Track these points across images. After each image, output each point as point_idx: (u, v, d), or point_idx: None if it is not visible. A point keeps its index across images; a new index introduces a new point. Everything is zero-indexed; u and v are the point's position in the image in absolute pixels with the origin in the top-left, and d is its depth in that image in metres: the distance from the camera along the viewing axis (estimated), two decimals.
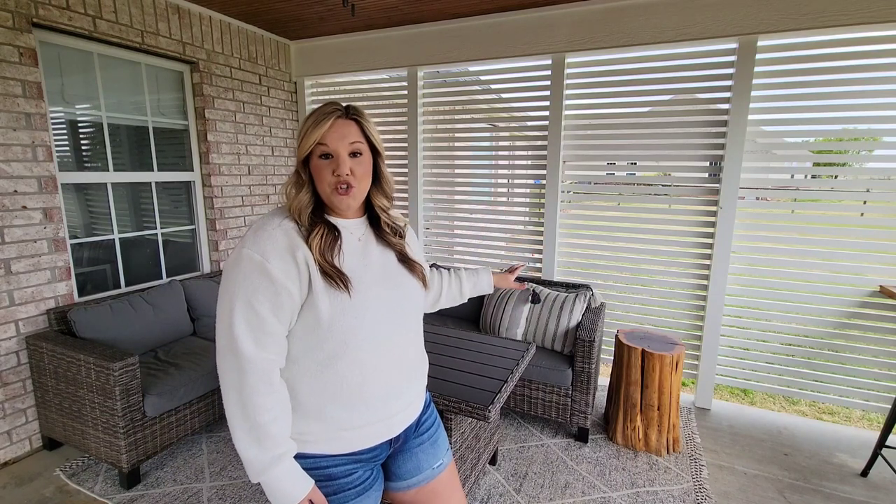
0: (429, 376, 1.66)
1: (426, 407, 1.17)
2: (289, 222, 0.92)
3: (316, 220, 0.94)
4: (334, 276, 0.90)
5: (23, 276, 2.23)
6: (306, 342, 0.92)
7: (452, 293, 1.37)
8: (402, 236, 1.08)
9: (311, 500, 0.92)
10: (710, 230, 2.74)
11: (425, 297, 1.14)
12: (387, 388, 0.99)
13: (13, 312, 2.21)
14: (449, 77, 3.39)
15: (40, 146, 2.24)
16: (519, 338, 2.68)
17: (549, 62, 2.95)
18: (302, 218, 0.93)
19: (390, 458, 1.12)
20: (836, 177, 3.08)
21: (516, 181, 3.47)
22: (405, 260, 1.05)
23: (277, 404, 0.89)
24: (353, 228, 1.00)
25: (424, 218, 3.58)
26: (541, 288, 2.83)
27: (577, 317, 2.61)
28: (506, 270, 1.54)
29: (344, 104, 0.95)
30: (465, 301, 1.41)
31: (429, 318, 3.06)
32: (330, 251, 0.92)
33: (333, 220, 0.98)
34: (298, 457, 0.94)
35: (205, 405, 2.35)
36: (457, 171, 3.52)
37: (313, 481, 0.93)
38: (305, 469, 0.93)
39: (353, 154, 0.93)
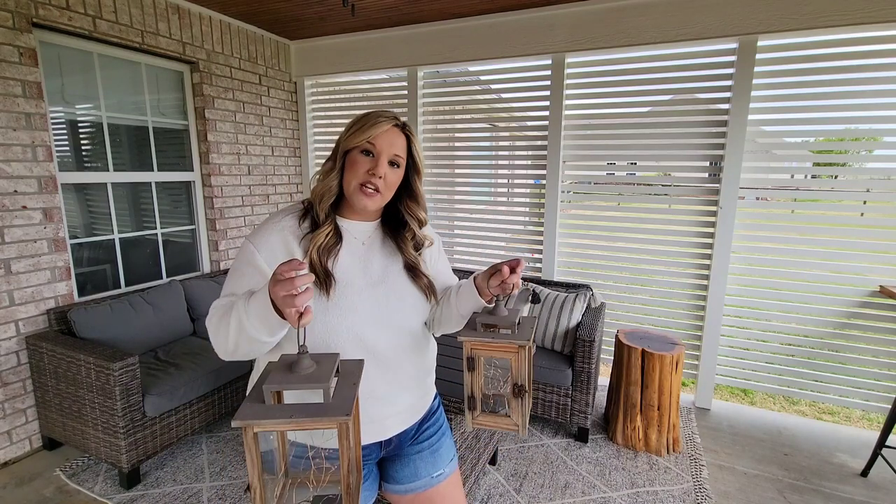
0: None
1: (429, 415, 1.16)
2: (291, 220, 0.97)
3: (328, 217, 0.97)
4: (320, 276, 0.92)
5: (23, 276, 2.23)
6: (291, 332, 0.92)
7: (444, 310, 1.10)
8: (418, 250, 1.08)
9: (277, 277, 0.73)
10: (710, 230, 2.73)
11: (428, 309, 1.09)
12: (371, 393, 0.98)
13: (13, 312, 2.21)
14: (449, 77, 3.39)
15: (40, 146, 2.24)
16: None
17: (549, 62, 2.95)
18: (322, 203, 0.96)
19: (387, 462, 1.12)
20: (836, 177, 3.08)
21: (516, 181, 3.47)
22: (411, 268, 1.05)
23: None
24: (358, 232, 1.02)
25: None
26: (541, 288, 2.83)
27: (577, 317, 2.61)
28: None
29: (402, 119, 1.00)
30: (462, 317, 1.05)
31: None
32: (326, 253, 0.94)
33: (343, 222, 1.01)
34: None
35: (205, 405, 2.35)
36: (457, 171, 3.52)
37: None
38: (294, 457, 0.93)
39: (392, 163, 0.96)
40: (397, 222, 1.08)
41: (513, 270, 0.92)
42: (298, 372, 0.68)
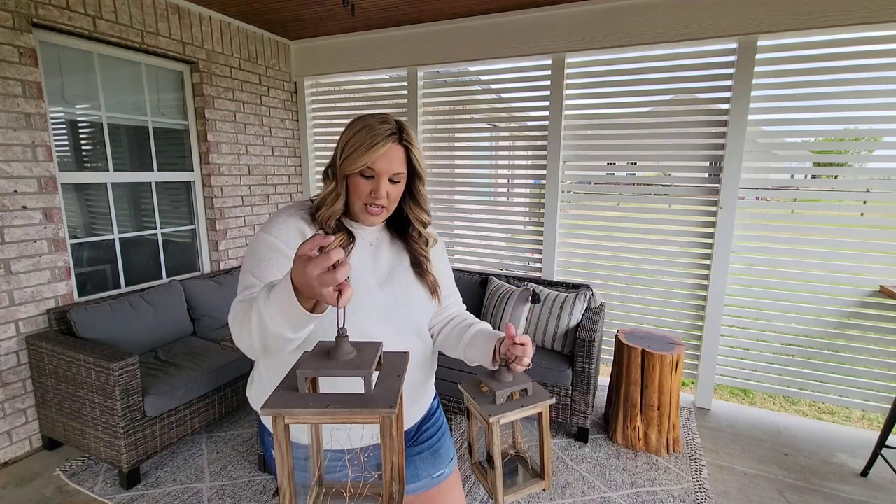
0: None
1: (429, 416, 1.16)
2: (305, 214, 0.98)
3: (338, 227, 0.99)
4: None
5: (23, 276, 2.23)
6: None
7: (451, 335, 1.13)
8: (425, 248, 1.10)
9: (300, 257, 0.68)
10: (710, 230, 2.73)
11: (433, 310, 1.11)
12: None
13: (13, 312, 2.21)
14: (449, 77, 3.39)
15: (40, 146, 2.24)
16: None
17: (549, 62, 2.95)
18: (329, 223, 0.97)
19: None
20: (836, 177, 3.08)
21: (516, 181, 3.47)
22: (417, 265, 1.07)
23: None
24: (365, 234, 1.04)
25: None
26: (541, 288, 2.83)
27: (577, 317, 2.60)
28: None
29: (396, 121, 0.96)
30: (462, 357, 1.10)
31: None
32: None
33: (351, 224, 1.03)
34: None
35: (205, 405, 2.35)
36: (457, 171, 3.52)
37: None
38: (295, 459, 0.92)
39: (393, 180, 0.97)
40: (402, 223, 1.09)
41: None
42: (337, 358, 0.60)
